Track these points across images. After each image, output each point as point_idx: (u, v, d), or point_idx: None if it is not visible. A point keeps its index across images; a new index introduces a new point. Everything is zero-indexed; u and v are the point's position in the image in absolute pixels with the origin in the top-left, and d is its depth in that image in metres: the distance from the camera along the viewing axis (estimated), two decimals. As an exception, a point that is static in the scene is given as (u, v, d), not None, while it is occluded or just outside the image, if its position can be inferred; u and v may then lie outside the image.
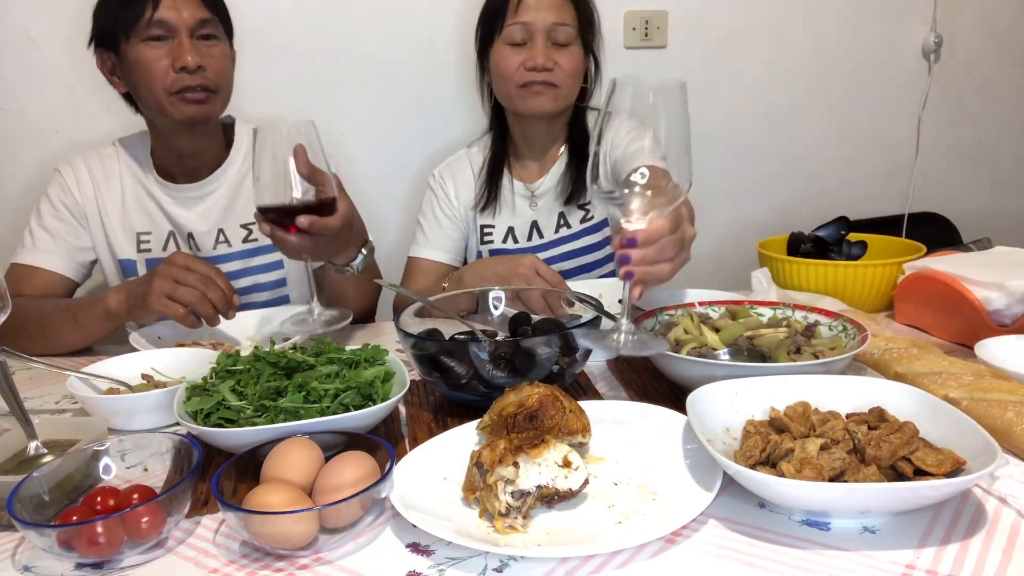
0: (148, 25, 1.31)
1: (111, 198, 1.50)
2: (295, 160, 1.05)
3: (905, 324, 1.32)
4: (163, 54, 1.33)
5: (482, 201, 1.66)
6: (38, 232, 1.47)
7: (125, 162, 1.52)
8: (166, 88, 1.34)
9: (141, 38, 1.32)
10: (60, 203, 1.49)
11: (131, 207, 1.51)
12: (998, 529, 0.69)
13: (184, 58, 1.32)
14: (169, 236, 1.52)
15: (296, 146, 1.05)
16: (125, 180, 1.51)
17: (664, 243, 0.88)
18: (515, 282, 1.26)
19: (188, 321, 1.16)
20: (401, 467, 0.78)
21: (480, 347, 0.92)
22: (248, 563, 0.69)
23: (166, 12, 1.32)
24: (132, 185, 1.51)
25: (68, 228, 1.48)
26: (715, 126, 2.32)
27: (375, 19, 2.06)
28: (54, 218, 1.48)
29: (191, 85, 1.34)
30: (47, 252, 1.46)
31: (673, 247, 0.89)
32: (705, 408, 0.83)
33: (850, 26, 2.33)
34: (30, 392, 1.16)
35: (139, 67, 1.34)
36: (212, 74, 1.36)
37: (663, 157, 0.86)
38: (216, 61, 1.38)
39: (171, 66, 1.33)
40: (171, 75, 1.33)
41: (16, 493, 0.70)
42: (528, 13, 1.49)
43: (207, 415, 0.87)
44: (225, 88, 1.42)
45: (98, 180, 1.50)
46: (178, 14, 1.32)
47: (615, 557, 0.68)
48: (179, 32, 1.33)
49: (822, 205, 2.30)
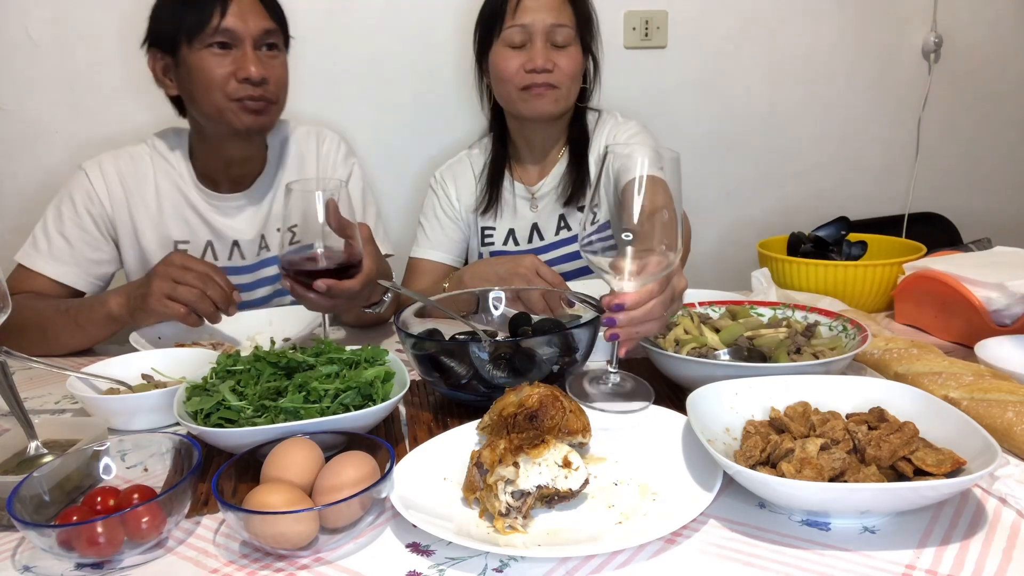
0: (214, 32, 1.29)
1: (144, 205, 1.45)
2: (327, 214, 1.06)
3: (905, 324, 1.32)
4: (226, 62, 1.30)
5: (483, 203, 1.66)
6: (55, 237, 1.40)
7: (160, 166, 1.46)
8: (226, 95, 1.31)
9: (204, 44, 1.29)
10: (85, 211, 1.42)
11: (168, 215, 1.46)
12: (998, 529, 0.69)
13: (248, 69, 1.30)
14: (207, 245, 1.48)
15: (328, 200, 1.06)
16: (161, 186, 1.46)
17: (652, 305, 0.90)
18: (515, 282, 1.26)
19: (190, 320, 1.16)
20: (401, 467, 0.78)
21: (480, 347, 0.92)
22: (248, 563, 0.69)
23: (233, 20, 1.29)
24: (169, 192, 1.46)
25: (89, 239, 1.43)
26: (715, 126, 2.32)
27: (375, 20, 2.06)
28: (76, 226, 1.42)
29: (253, 95, 1.32)
30: (62, 262, 1.40)
31: (662, 307, 0.91)
32: (705, 408, 0.83)
33: (850, 26, 2.32)
34: (30, 392, 1.16)
35: (199, 73, 1.31)
36: (273, 86, 1.35)
37: (661, 169, 0.87)
38: (277, 73, 1.36)
39: (233, 75, 1.30)
40: (232, 84, 1.31)
41: (16, 493, 0.70)
42: (527, 15, 1.48)
43: (207, 415, 0.86)
44: (282, 99, 1.40)
45: (129, 186, 1.44)
46: (244, 23, 1.30)
47: (615, 557, 0.68)
48: (243, 41, 1.31)
49: (822, 205, 2.30)
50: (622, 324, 0.89)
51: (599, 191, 0.91)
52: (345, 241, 1.10)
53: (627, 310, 0.88)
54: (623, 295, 0.88)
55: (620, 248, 0.88)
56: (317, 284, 1.07)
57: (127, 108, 1.96)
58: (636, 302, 0.88)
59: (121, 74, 1.94)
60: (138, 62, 1.39)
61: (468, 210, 1.68)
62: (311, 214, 1.07)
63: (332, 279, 1.08)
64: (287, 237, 1.11)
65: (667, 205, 0.87)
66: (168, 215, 1.46)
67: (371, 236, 1.15)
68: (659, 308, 0.90)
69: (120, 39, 1.91)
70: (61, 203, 1.43)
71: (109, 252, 1.46)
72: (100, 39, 1.92)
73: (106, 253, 1.45)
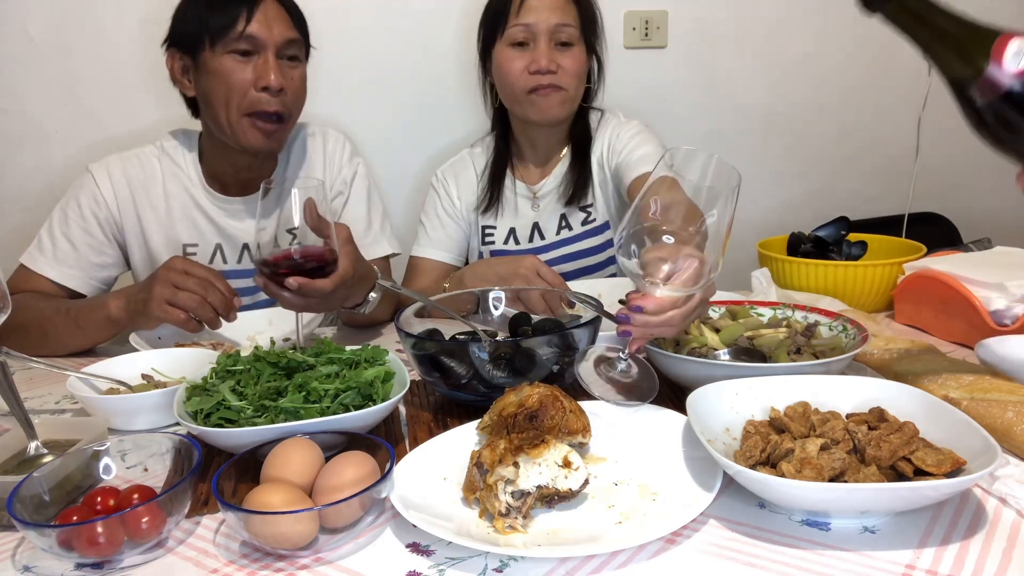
0: (239, 38, 1.28)
1: (152, 208, 1.44)
2: (305, 213, 1.04)
3: (905, 324, 1.32)
4: (247, 69, 1.29)
5: (484, 202, 1.66)
6: (60, 241, 1.39)
7: (169, 168, 1.45)
8: (240, 107, 1.30)
9: (227, 49, 1.28)
10: (90, 214, 1.41)
11: (177, 218, 1.45)
12: (998, 529, 0.69)
13: (268, 77, 1.29)
14: (216, 248, 1.48)
15: (307, 199, 1.04)
16: (169, 188, 1.45)
17: (672, 315, 0.86)
18: (516, 282, 1.26)
19: (190, 326, 1.16)
20: (401, 467, 0.78)
21: (480, 347, 0.92)
22: (248, 563, 0.69)
23: (257, 27, 1.28)
24: (178, 194, 1.45)
25: (93, 243, 1.42)
26: (715, 126, 2.32)
27: (378, 19, 2.06)
28: (80, 229, 1.41)
29: (267, 110, 1.31)
30: (66, 265, 1.39)
31: (682, 318, 0.87)
32: (705, 408, 0.83)
33: (850, 26, 2.32)
34: (30, 392, 1.16)
35: (218, 78, 1.30)
36: (290, 99, 1.34)
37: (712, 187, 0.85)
38: (295, 85, 1.35)
39: (252, 83, 1.29)
40: (251, 93, 1.30)
41: (16, 493, 0.70)
42: (531, 15, 1.48)
43: (207, 415, 0.86)
44: (296, 115, 1.39)
45: (136, 188, 1.43)
46: (269, 31, 1.29)
47: (615, 557, 0.68)
48: (266, 49, 1.29)
49: (822, 205, 2.30)
50: (636, 324, 0.86)
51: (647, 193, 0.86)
52: (322, 240, 1.08)
53: (645, 314, 0.85)
54: (646, 298, 0.85)
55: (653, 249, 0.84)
56: (288, 282, 1.05)
57: (127, 108, 1.96)
58: (657, 307, 0.85)
59: (121, 74, 1.94)
60: (139, 62, 1.39)
61: (469, 209, 1.68)
62: (286, 211, 1.05)
63: (305, 278, 1.06)
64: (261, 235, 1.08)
65: (721, 221, 0.84)
66: (177, 218, 1.45)
67: (350, 237, 1.12)
68: (679, 318, 0.86)
69: (120, 39, 1.91)
70: (67, 205, 1.42)
71: (113, 256, 1.45)
72: (101, 39, 1.92)
73: (110, 257, 1.45)
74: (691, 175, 0.84)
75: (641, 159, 1.50)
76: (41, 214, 1.45)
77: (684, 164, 0.85)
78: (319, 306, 1.13)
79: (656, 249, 0.84)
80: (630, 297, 0.87)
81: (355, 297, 1.20)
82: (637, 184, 1.46)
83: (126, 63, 1.92)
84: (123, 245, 1.46)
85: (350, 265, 1.10)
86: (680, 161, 0.85)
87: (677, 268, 0.83)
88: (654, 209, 0.84)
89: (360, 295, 1.21)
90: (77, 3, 1.90)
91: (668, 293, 0.84)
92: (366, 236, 1.52)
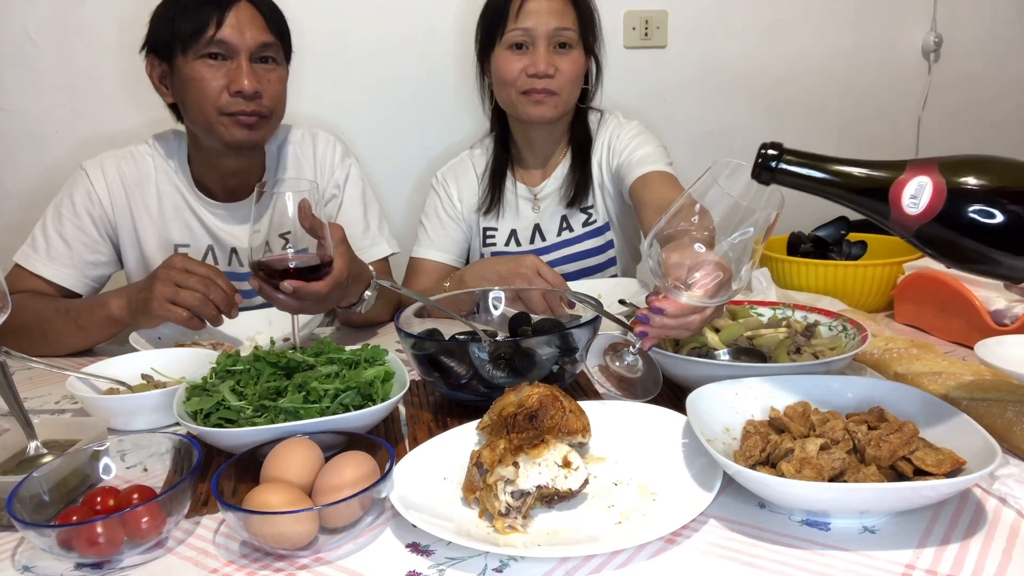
0: (209, 43, 1.27)
1: (145, 206, 1.43)
2: (299, 214, 1.03)
3: (905, 324, 1.32)
4: (219, 74, 1.28)
5: (485, 204, 1.66)
6: (54, 238, 1.39)
7: (161, 167, 1.45)
8: (217, 108, 1.29)
9: (199, 55, 1.28)
10: (84, 211, 1.41)
11: (169, 217, 1.45)
12: (998, 529, 0.69)
13: (241, 82, 1.27)
14: (208, 250, 1.47)
15: (301, 200, 1.04)
16: (162, 187, 1.44)
17: (690, 320, 0.87)
18: (516, 282, 1.26)
19: (192, 324, 1.16)
20: (401, 467, 0.78)
21: (480, 347, 0.92)
22: (248, 563, 0.69)
23: (229, 32, 1.27)
24: (170, 193, 1.45)
25: (87, 240, 1.41)
26: (715, 126, 2.32)
27: (376, 20, 2.06)
28: (74, 227, 1.40)
29: (245, 110, 1.30)
30: (60, 263, 1.38)
31: (700, 324, 0.89)
32: (705, 408, 0.83)
33: (850, 26, 2.33)
34: (30, 392, 1.16)
35: (192, 84, 1.29)
36: (267, 100, 1.33)
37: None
38: (272, 87, 1.34)
39: (226, 88, 1.29)
40: (225, 96, 1.29)
41: (16, 493, 0.70)
42: (529, 18, 1.47)
43: (207, 415, 0.87)
44: (278, 113, 1.38)
45: (130, 186, 1.43)
46: (241, 36, 1.28)
47: (615, 557, 0.67)
48: (239, 54, 1.28)
49: (822, 205, 2.29)
50: (655, 325, 0.87)
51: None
52: (317, 242, 1.08)
53: (665, 316, 0.86)
54: (668, 301, 0.85)
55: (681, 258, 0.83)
56: (283, 285, 1.05)
57: (127, 108, 1.96)
58: (678, 311, 0.86)
59: (121, 74, 1.94)
60: (138, 63, 1.39)
61: (470, 210, 1.68)
62: (279, 213, 1.05)
63: (301, 280, 1.06)
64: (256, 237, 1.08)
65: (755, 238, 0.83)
66: (169, 218, 1.45)
67: (344, 237, 1.12)
68: (696, 323, 0.88)
69: (120, 39, 1.91)
70: (61, 203, 1.42)
71: (107, 254, 1.45)
72: (100, 39, 1.92)
73: (104, 255, 1.44)
74: (734, 190, 0.83)
75: (641, 160, 1.50)
76: (39, 214, 1.44)
77: (730, 178, 0.83)
78: (315, 308, 1.13)
79: (682, 254, 0.84)
80: (650, 299, 0.88)
81: (350, 297, 1.20)
82: (639, 185, 1.46)
83: (126, 63, 1.92)
84: (116, 243, 1.45)
85: (344, 266, 1.10)
86: (726, 174, 0.83)
87: (703, 276, 0.83)
88: (691, 216, 0.84)
89: (355, 294, 1.21)
90: (77, 3, 1.90)
91: (691, 300, 0.85)
92: (364, 238, 1.52)
